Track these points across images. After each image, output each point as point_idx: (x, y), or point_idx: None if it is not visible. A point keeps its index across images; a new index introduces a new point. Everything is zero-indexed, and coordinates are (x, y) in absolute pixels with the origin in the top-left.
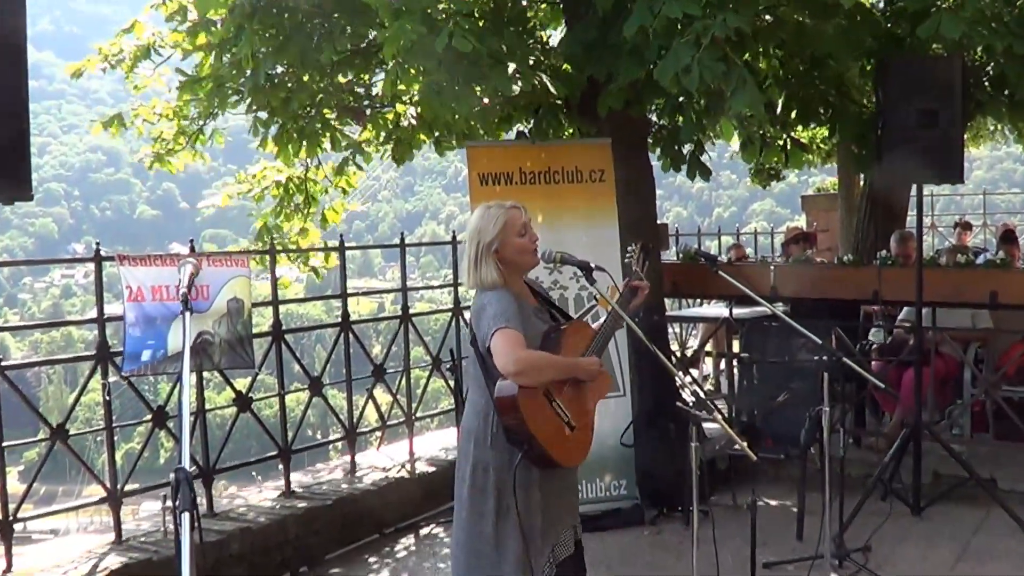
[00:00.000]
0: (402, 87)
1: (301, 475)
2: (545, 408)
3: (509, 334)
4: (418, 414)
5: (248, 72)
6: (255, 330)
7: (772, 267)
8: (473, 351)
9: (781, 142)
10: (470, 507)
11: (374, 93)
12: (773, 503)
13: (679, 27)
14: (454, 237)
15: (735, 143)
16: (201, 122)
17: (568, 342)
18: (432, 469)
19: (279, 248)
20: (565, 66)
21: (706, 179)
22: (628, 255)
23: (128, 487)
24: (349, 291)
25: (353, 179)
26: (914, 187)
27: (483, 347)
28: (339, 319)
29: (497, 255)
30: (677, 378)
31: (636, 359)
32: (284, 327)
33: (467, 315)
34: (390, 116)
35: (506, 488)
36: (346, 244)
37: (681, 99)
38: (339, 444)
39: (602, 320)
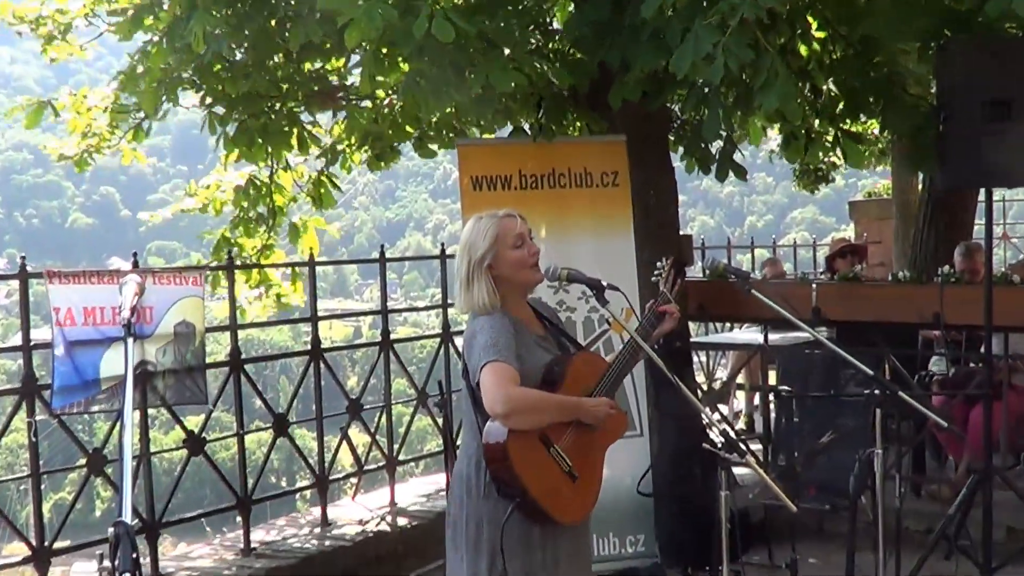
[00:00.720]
0: (379, 77)
1: (263, 530)
2: (541, 456)
3: (499, 369)
4: (401, 457)
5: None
6: (209, 359)
7: (814, 285)
8: (465, 385)
9: (830, 137)
10: (465, 563)
11: (349, 83)
12: (817, 562)
13: (704, 5)
14: (443, 250)
15: (774, 137)
16: (141, 116)
17: (574, 376)
18: (417, 521)
19: (238, 263)
20: (572, 51)
21: (742, 178)
22: (656, 272)
23: (57, 544)
24: (320, 313)
25: (329, 198)
26: (982, 191)
27: (474, 381)
28: (308, 346)
29: (491, 272)
30: (704, 415)
31: (655, 393)
32: (243, 355)
33: (459, 341)
34: (368, 109)
35: (500, 548)
36: (316, 259)
37: (707, 89)
38: (308, 493)
39: (617, 351)
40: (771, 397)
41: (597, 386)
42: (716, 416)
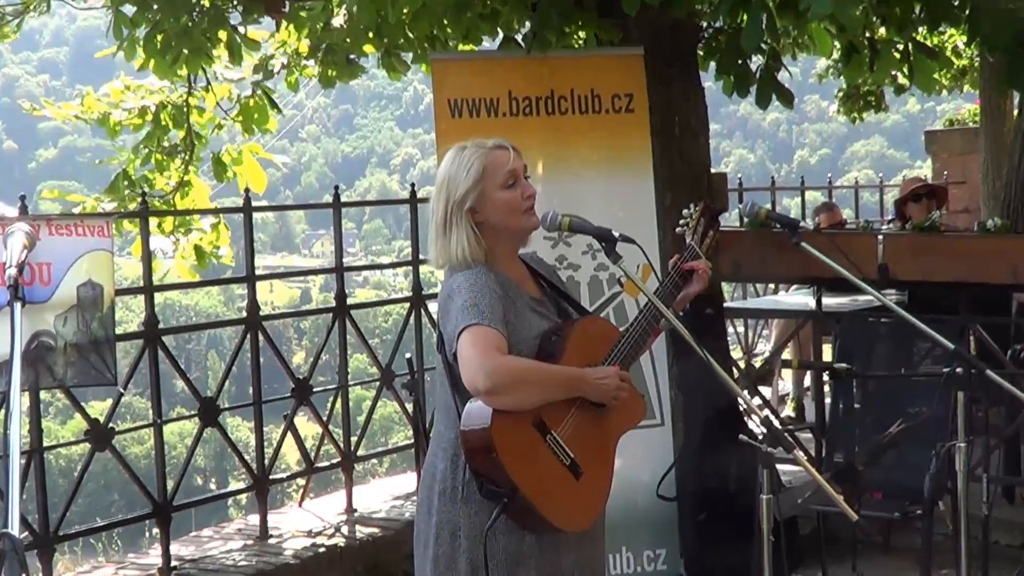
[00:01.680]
0: None
1: (186, 544)
2: (535, 445)
3: (481, 333)
4: (360, 452)
5: None
6: (119, 330)
7: (881, 237)
8: (440, 360)
9: (899, 49)
10: None
11: None
12: None
13: None
14: (413, 193)
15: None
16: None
17: (577, 347)
18: (380, 533)
19: (154, 208)
20: None
21: (788, 106)
22: (682, 221)
23: None
24: (258, 272)
25: (264, 117)
26: None
27: (450, 353)
28: (243, 313)
29: (474, 217)
30: (741, 400)
31: (680, 372)
32: (162, 325)
33: (433, 308)
34: (316, 12)
35: (482, 564)
36: (253, 203)
37: None
38: (243, 498)
39: (633, 319)
40: (825, 377)
41: (607, 358)
42: (756, 401)
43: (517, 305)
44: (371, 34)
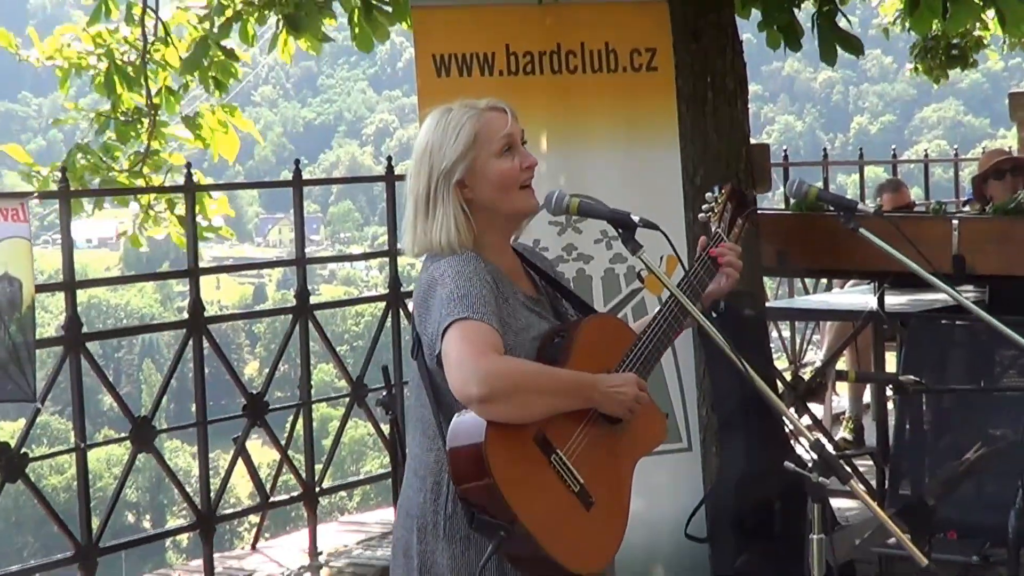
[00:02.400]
0: None
1: None
2: (538, 467)
3: (473, 329)
4: (326, 484)
5: None
6: (38, 334)
7: (956, 222)
8: (416, 367)
9: None
10: None
11: None
12: None
13: None
14: (390, 167)
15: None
16: None
17: (584, 351)
18: None
19: (77, 188)
20: None
21: (858, 53)
22: (706, 206)
23: None
24: (203, 265)
25: (228, 70)
26: None
27: (431, 357)
28: (184, 314)
29: (463, 192)
30: (786, 420)
31: (712, 386)
32: (86, 329)
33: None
34: None
35: None
36: (196, 182)
37: None
38: (184, 538)
39: (651, 317)
40: (889, 392)
41: (622, 364)
42: (805, 421)
43: (510, 302)
44: None
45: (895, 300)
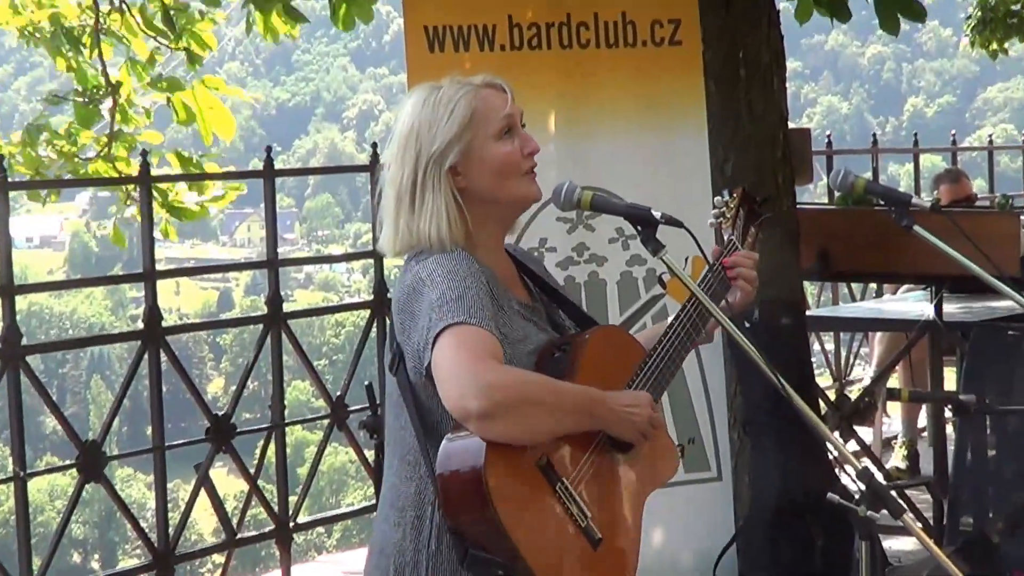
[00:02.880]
0: None
1: None
2: (541, 496)
3: (471, 335)
4: (302, 519)
5: None
6: None
7: None
8: (397, 383)
9: None
10: None
11: None
12: None
13: None
14: (375, 155)
15: None
16: None
17: (590, 366)
18: None
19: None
20: None
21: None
22: (715, 211)
23: None
24: (160, 267)
25: (205, 34)
26: None
27: (417, 369)
28: (139, 324)
29: (455, 178)
30: (830, 445)
31: (746, 407)
32: (26, 341)
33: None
34: None
35: None
36: (152, 172)
37: None
38: None
39: (663, 327)
40: (948, 413)
41: (632, 382)
42: (852, 446)
43: (505, 310)
44: None
45: (954, 308)
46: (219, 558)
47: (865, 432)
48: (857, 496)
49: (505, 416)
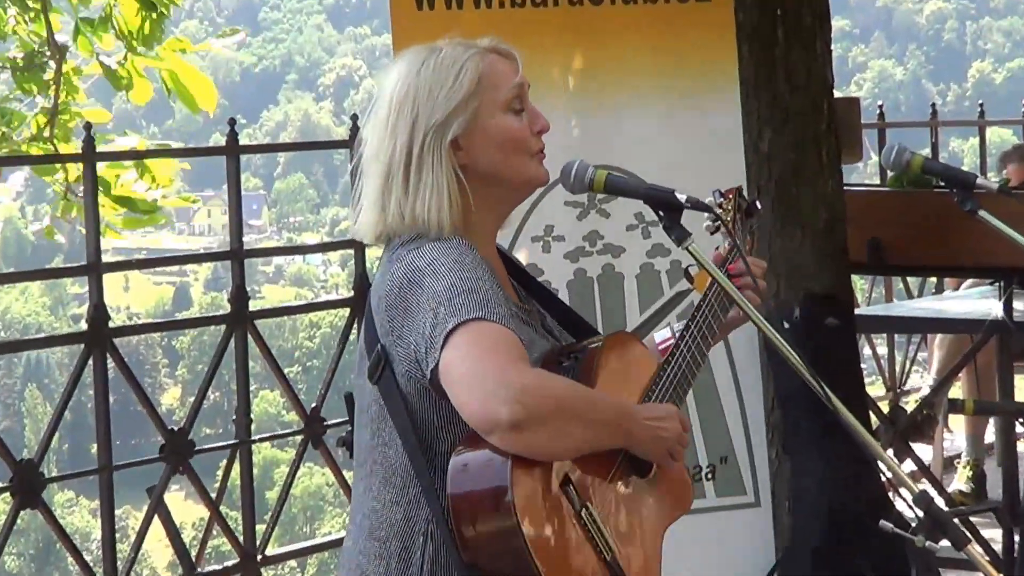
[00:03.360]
0: None
1: None
2: (566, 523)
3: (493, 333)
4: (271, 549)
5: None
6: None
7: None
8: (379, 392)
9: None
10: None
11: None
12: None
13: None
14: (355, 129)
15: None
16: None
17: (609, 377)
18: None
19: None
20: None
21: None
22: (710, 215)
23: None
24: (106, 259)
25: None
26: None
27: (413, 376)
28: (82, 325)
29: (457, 153)
30: (882, 465)
31: (786, 423)
32: None
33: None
34: None
35: None
36: (97, 148)
37: None
38: None
39: (677, 328)
40: (1020, 427)
41: (650, 393)
42: (908, 466)
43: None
44: None
45: None
46: None
47: (924, 450)
48: (914, 524)
49: (539, 427)
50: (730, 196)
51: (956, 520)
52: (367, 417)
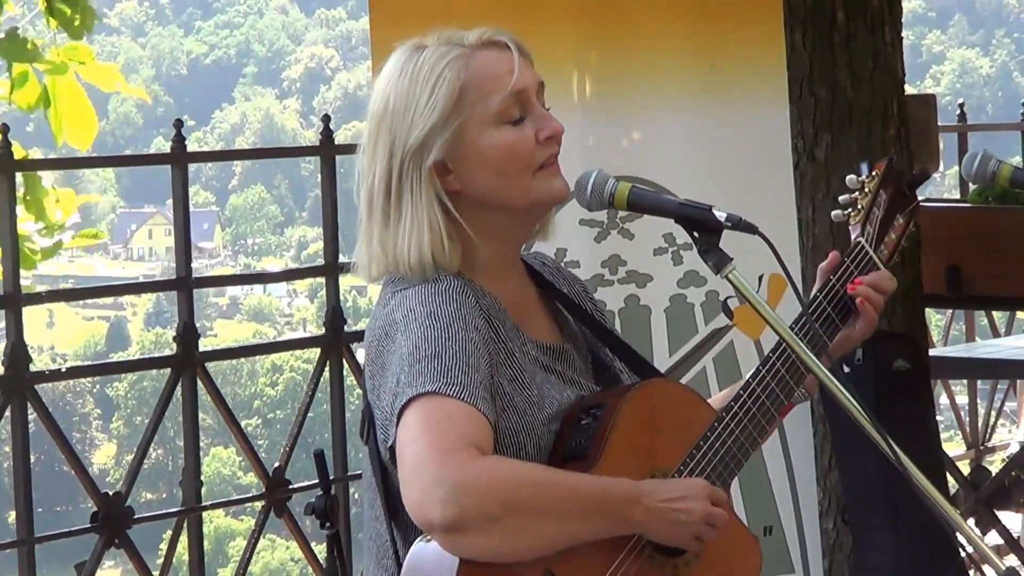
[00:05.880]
0: None
1: None
2: None
3: (444, 412)
4: None
5: None
6: None
7: None
8: (368, 456)
9: None
10: None
11: None
12: None
13: None
14: (327, 133)
15: None
16: None
17: (628, 438)
18: None
19: None
20: None
21: None
22: (845, 197)
23: None
24: (27, 289)
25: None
26: None
27: (385, 445)
28: None
29: (444, 178)
30: (962, 535)
31: (846, 487)
32: None
33: (361, 358)
34: None
35: None
36: (16, 157)
37: None
38: None
39: (742, 382)
40: None
41: (686, 464)
42: (993, 538)
43: (515, 357)
44: None
45: None
46: None
47: (1012, 519)
48: None
49: (481, 529)
50: (876, 172)
51: None
52: (365, 481)
